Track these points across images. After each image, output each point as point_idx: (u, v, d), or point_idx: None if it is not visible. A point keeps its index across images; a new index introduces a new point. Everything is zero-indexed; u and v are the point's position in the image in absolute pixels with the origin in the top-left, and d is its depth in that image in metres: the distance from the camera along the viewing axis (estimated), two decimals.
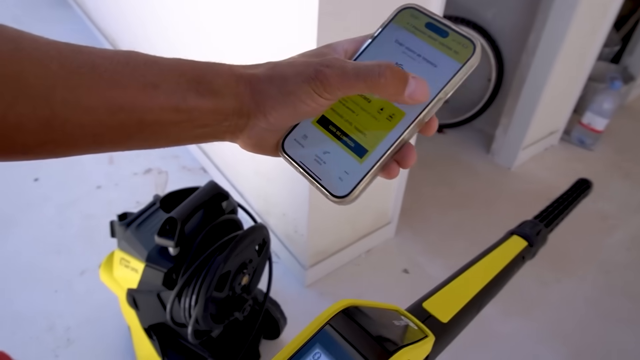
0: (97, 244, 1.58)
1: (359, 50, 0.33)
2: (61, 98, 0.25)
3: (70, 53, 0.26)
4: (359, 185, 0.31)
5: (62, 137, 0.27)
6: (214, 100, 0.29)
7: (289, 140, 0.33)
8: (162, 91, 0.28)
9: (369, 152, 0.31)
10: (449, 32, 0.31)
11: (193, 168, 1.96)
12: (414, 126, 0.30)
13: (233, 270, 0.88)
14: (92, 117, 0.27)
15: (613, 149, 2.29)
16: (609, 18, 1.89)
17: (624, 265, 1.69)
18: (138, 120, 0.28)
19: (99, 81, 0.26)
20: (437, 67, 0.31)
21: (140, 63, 0.28)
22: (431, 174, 2.04)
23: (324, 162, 0.32)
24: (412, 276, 1.58)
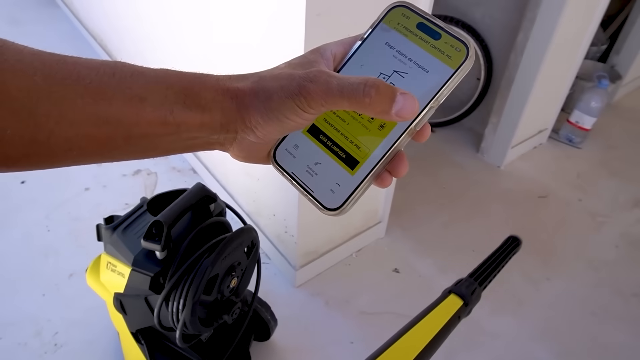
0: (85, 246, 1.56)
1: (348, 54, 0.32)
2: (45, 111, 0.25)
3: (55, 64, 0.26)
4: (351, 197, 0.30)
5: (47, 150, 0.26)
6: (201, 114, 0.29)
7: (280, 150, 0.32)
8: (149, 104, 0.27)
9: (361, 163, 0.30)
10: (442, 33, 0.30)
11: (182, 169, 1.95)
12: (405, 135, 0.30)
13: (221, 273, 0.87)
14: (77, 131, 0.26)
15: (601, 147, 2.31)
16: (596, 17, 1.91)
17: (613, 262, 1.71)
18: (125, 134, 0.27)
19: (84, 93, 0.26)
20: (429, 72, 0.30)
21: (126, 75, 0.28)
22: (421, 173, 2.05)
23: (316, 174, 0.31)
24: (402, 275, 1.58)
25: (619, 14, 2.87)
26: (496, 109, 2.05)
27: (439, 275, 1.59)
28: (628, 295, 1.58)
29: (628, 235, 1.82)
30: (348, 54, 0.32)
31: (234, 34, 1.23)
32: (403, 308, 1.48)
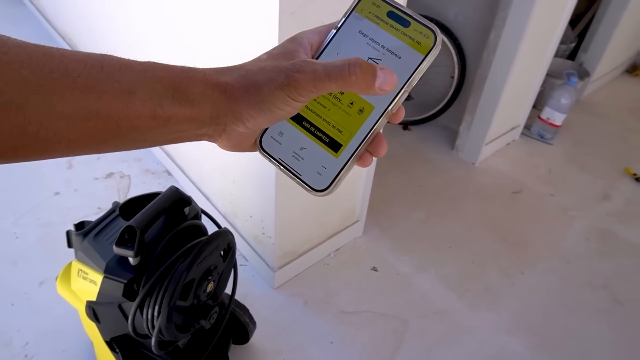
0: (56, 253, 1.52)
1: (324, 42, 0.33)
2: (34, 104, 0.25)
3: (42, 57, 0.25)
4: (337, 178, 0.32)
5: (36, 142, 0.26)
6: (190, 108, 0.29)
7: (265, 138, 0.33)
8: (139, 98, 0.28)
9: (344, 146, 0.32)
10: (411, 21, 0.32)
11: (157, 171, 1.91)
12: (383, 118, 0.32)
13: (197, 278, 0.86)
14: (66, 124, 0.26)
15: (571, 142, 2.37)
16: (565, 16, 1.95)
17: (585, 254, 1.75)
18: (114, 127, 0.28)
19: (73, 87, 0.26)
20: (401, 58, 0.31)
21: (114, 68, 0.28)
22: (397, 171, 2.06)
23: (302, 158, 0.33)
24: (381, 274, 1.59)
25: (586, 13, 2.95)
26: (470, 106, 2.08)
27: (416, 273, 1.60)
28: (598, 286, 1.63)
29: (597, 228, 1.87)
30: (324, 43, 0.33)
31: (209, 32, 1.21)
32: (382, 306, 1.49)
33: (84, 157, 1.93)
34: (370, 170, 1.53)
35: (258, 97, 0.29)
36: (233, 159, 1.39)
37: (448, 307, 1.51)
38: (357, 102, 0.32)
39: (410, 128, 2.36)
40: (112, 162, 1.93)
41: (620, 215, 1.95)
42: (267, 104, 0.29)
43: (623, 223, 1.90)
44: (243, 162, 1.35)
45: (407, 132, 2.34)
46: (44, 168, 1.86)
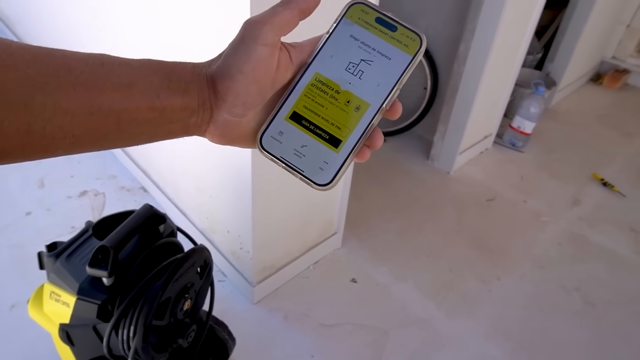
0: (27, 275, 1.47)
1: (317, 46, 0.35)
2: (40, 102, 0.26)
3: (45, 57, 0.27)
4: (339, 172, 0.34)
5: (42, 139, 0.27)
6: (182, 97, 0.31)
7: (266, 137, 0.35)
8: (137, 90, 0.30)
9: (343, 142, 0.34)
10: (397, 26, 0.34)
11: (132, 188, 1.89)
12: (379, 114, 0.34)
13: (173, 296, 0.85)
14: (71, 119, 0.27)
15: (541, 149, 2.44)
16: (530, 28, 2.03)
17: (557, 259, 1.80)
18: (115, 120, 0.29)
19: (76, 84, 0.27)
20: (392, 59, 0.34)
21: (114, 65, 0.30)
22: (374, 182, 2.09)
23: (304, 155, 0.34)
24: (360, 285, 1.60)
25: (551, 25, 3.06)
26: (443, 117, 2.13)
27: (395, 283, 1.62)
28: (571, 289, 1.67)
29: (569, 233, 1.93)
30: (317, 47, 0.35)
31: (178, 25, 1.21)
32: (362, 318, 1.50)
33: (56, 176, 1.89)
34: (347, 182, 1.54)
35: (226, 64, 0.32)
36: (209, 173, 1.39)
37: (427, 316, 1.52)
38: (353, 101, 0.34)
39: (386, 139, 2.39)
40: (86, 180, 1.89)
41: (590, 219, 2.01)
42: (235, 65, 0.31)
43: (593, 227, 1.96)
44: (219, 176, 1.34)
45: (384, 143, 2.37)
46: (14, 187, 1.82)
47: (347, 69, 0.34)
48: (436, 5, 2.10)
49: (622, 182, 2.22)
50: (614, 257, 1.83)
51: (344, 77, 0.34)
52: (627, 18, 3.08)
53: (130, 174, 1.93)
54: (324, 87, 0.34)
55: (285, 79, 0.34)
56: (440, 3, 2.09)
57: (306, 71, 0.35)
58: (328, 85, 0.34)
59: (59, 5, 1.80)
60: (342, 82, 0.34)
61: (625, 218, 2.03)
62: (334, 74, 0.34)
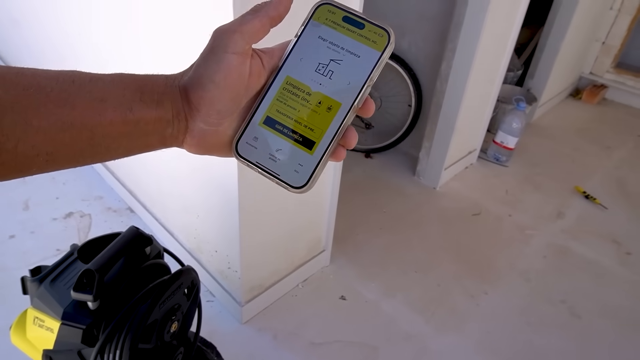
0: (9, 300, 1.44)
1: (286, 50, 0.35)
2: (10, 121, 0.26)
3: (14, 76, 0.27)
4: (314, 174, 0.34)
5: (15, 158, 0.27)
6: (156, 109, 0.31)
7: (241, 144, 0.35)
8: (110, 104, 0.29)
9: (317, 143, 0.34)
10: (365, 23, 0.34)
11: (119, 209, 1.88)
12: (351, 112, 0.34)
13: (160, 319, 0.84)
14: (43, 137, 0.27)
15: (525, 164, 2.49)
16: (509, 46, 2.08)
17: (543, 272, 1.82)
18: (89, 135, 0.29)
19: (47, 101, 0.27)
20: (361, 57, 0.34)
21: (85, 81, 0.29)
22: (361, 198, 2.10)
23: (279, 159, 0.34)
24: (349, 302, 1.60)
25: (530, 42, 3.15)
26: (428, 133, 2.16)
27: (384, 299, 1.62)
28: (557, 302, 1.69)
29: (554, 246, 1.96)
30: (287, 51, 0.35)
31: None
32: (351, 335, 1.49)
33: (41, 197, 1.87)
34: (334, 198, 1.55)
35: (197, 74, 0.32)
36: (196, 193, 1.39)
37: (416, 331, 1.52)
38: (324, 101, 0.34)
39: (372, 156, 2.42)
40: (72, 202, 1.88)
41: (574, 232, 2.04)
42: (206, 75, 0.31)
43: (576, 239, 2.00)
44: (206, 197, 1.35)
45: (369, 159, 2.40)
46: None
47: (317, 70, 0.34)
48: (417, 24, 2.15)
49: (603, 194, 2.27)
50: (598, 268, 1.86)
51: (315, 78, 0.34)
52: (602, 35, 3.18)
53: (117, 195, 1.92)
54: (295, 89, 0.34)
55: (259, 85, 0.34)
56: (422, 22, 2.14)
57: (277, 75, 0.35)
58: (299, 88, 0.34)
59: (41, 26, 1.81)
60: (312, 84, 0.34)
61: (608, 230, 2.07)
62: (305, 76, 0.34)
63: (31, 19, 1.89)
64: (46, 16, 1.74)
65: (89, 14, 1.44)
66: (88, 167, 2.04)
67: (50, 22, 1.73)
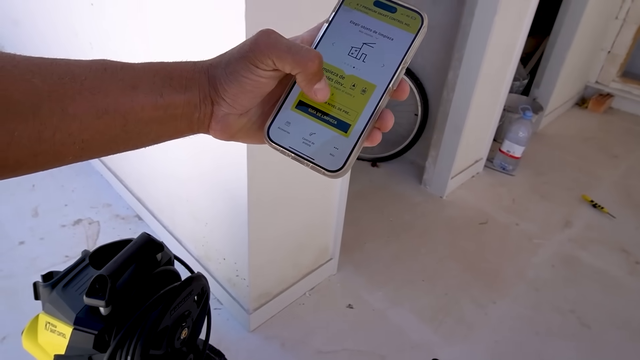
0: (19, 306, 1.46)
1: (317, 36, 0.35)
2: (48, 109, 0.27)
3: (49, 66, 0.28)
4: (350, 157, 0.33)
5: (52, 146, 0.28)
6: (184, 93, 0.32)
7: (273, 129, 0.34)
8: (141, 91, 0.30)
9: (352, 125, 0.33)
10: (397, 7, 0.34)
11: (127, 216, 1.89)
12: (386, 95, 0.33)
13: (170, 325, 0.85)
14: (79, 124, 0.28)
15: (531, 172, 2.48)
16: (515, 55, 2.09)
17: (551, 281, 1.81)
18: (122, 122, 0.30)
19: (81, 89, 0.28)
20: (394, 40, 0.34)
21: (116, 68, 0.30)
22: (368, 207, 2.10)
23: (313, 143, 0.34)
24: (356, 311, 1.59)
25: (535, 52, 3.16)
26: (434, 142, 2.17)
27: (391, 308, 1.61)
28: (566, 311, 1.68)
29: (562, 255, 1.94)
30: (318, 36, 0.35)
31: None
32: (359, 344, 1.49)
33: (50, 205, 1.89)
34: (342, 207, 1.56)
35: (228, 68, 0.32)
36: (205, 201, 1.39)
37: (424, 340, 1.52)
38: (358, 84, 0.34)
39: (378, 165, 2.42)
40: (81, 209, 1.89)
41: (582, 241, 2.03)
42: (235, 74, 0.32)
43: (584, 249, 1.98)
44: (215, 205, 1.35)
45: (376, 168, 2.40)
46: (7, 217, 1.81)
47: (350, 54, 0.34)
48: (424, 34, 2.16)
49: (611, 203, 2.26)
50: (607, 278, 1.85)
51: (348, 61, 0.34)
52: (607, 44, 3.19)
53: (125, 202, 1.93)
54: (329, 73, 0.34)
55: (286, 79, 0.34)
56: (428, 32, 2.14)
57: None
58: (332, 72, 0.34)
59: (41, 26, 1.84)
60: (346, 67, 0.34)
61: (616, 239, 2.05)
62: (337, 59, 0.34)
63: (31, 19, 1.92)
64: (46, 16, 1.77)
65: (90, 14, 1.47)
66: (96, 174, 2.06)
67: (50, 22, 1.76)
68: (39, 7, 1.85)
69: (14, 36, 2.25)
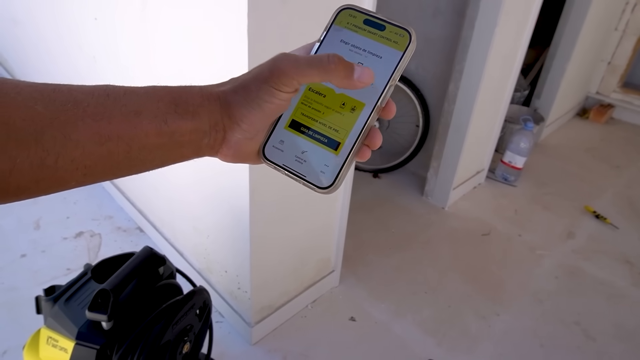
0: (20, 319, 1.45)
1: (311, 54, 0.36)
2: (51, 136, 0.27)
3: (52, 92, 0.28)
4: (340, 174, 0.34)
5: (55, 173, 0.27)
6: (192, 120, 0.31)
7: (268, 148, 0.35)
8: (145, 117, 0.30)
9: (342, 143, 0.34)
10: (386, 25, 0.35)
11: (128, 228, 1.89)
12: (375, 113, 0.34)
13: (173, 339, 0.84)
14: (82, 150, 0.28)
15: (533, 183, 2.48)
16: (516, 66, 2.10)
17: (555, 293, 1.80)
18: (125, 147, 0.30)
19: (84, 116, 0.28)
20: (383, 58, 0.35)
21: (119, 94, 0.30)
22: (370, 218, 2.10)
23: (305, 161, 0.35)
24: (359, 323, 1.58)
25: (536, 63, 3.17)
26: (436, 153, 2.17)
27: (394, 320, 1.60)
28: (570, 323, 1.66)
29: (565, 266, 1.93)
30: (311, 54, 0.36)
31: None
32: (362, 357, 1.47)
33: (52, 217, 1.89)
34: (344, 219, 1.56)
35: (247, 95, 0.32)
36: (207, 214, 1.39)
37: (428, 353, 1.50)
38: (348, 102, 0.35)
39: (380, 176, 2.42)
40: (82, 221, 1.89)
41: (585, 252, 2.02)
42: (256, 100, 0.32)
43: (588, 260, 1.97)
44: (217, 218, 1.35)
45: (378, 179, 2.40)
46: (9, 229, 1.81)
47: None
48: (425, 46, 2.18)
49: (614, 214, 2.25)
50: (611, 289, 1.83)
51: None
52: (607, 55, 3.21)
53: (127, 214, 1.93)
54: (319, 92, 0.35)
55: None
56: (429, 45, 2.17)
57: None
58: (322, 91, 0.35)
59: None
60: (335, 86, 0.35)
61: (620, 250, 2.04)
62: None
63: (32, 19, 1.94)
64: (46, 16, 1.79)
65: (92, 13, 1.48)
66: (98, 186, 2.06)
67: (51, 21, 1.77)
68: (43, 20, 1.87)
69: (14, 35, 2.28)
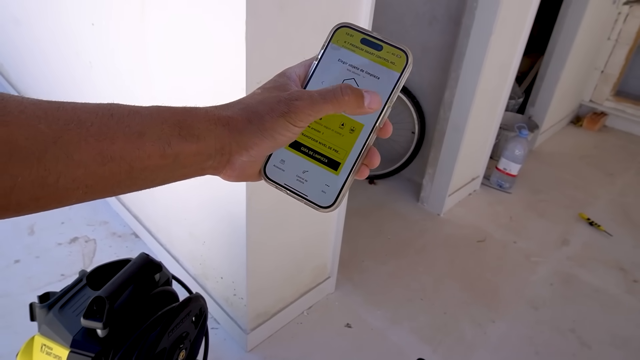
0: (13, 326, 1.44)
1: (309, 73, 0.36)
2: (52, 155, 0.27)
3: (56, 111, 0.28)
4: (341, 193, 0.35)
5: (56, 191, 0.27)
6: (196, 143, 0.31)
7: (269, 167, 0.36)
8: (148, 138, 0.30)
9: (342, 164, 0.35)
10: (383, 45, 0.35)
11: (124, 234, 1.88)
12: (373, 133, 0.35)
13: (168, 347, 0.84)
14: (84, 171, 0.28)
15: (528, 190, 2.49)
16: (511, 75, 2.12)
17: (550, 300, 1.80)
18: (127, 168, 0.30)
19: (87, 135, 0.28)
20: (380, 79, 0.35)
21: (123, 114, 0.30)
22: (366, 224, 2.10)
23: (306, 180, 0.35)
24: (355, 330, 1.58)
25: (530, 71, 3.20)
26: (431, 160, 2.18)
27: (390, 327, 1.60)
28: (565, 330, 1.67)
29: (560, 273, 1.94)
30: (309, 74, 0.37)
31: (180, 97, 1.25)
32: None
33: (46, 222, 1.88)
34: (340, 225, 1.56)
35: (261, 125, 0.32)
36: (203, 220, 1.39)
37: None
38: (347, 123, 0.35)
39: (376, 182, 2.43)
40: (77, 227, 1.88)
41: (580, 259, 2.03)
42: (270, 132, 0.32)
43: (583, 267, 1.98)
44: (213, 224, 1.35)
45: (373, 186, 2.41)
46: (3, 235, 1.79)
47: None
48: (421, 54, 2.20)
49: (608, 221, 2.27)
50: (605, 296, 1.84)
51: None
52: (601, 64, 3.24)
53: (122, 220, 1.93)
54: None
55: None
56: (425, 53, 2.18)
57: None
58: None
59: (57, 51, 1.85)
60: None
61: (614, 257, 2.05)
62: None
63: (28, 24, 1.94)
64: (42, 21, 1.79)
65: (89, 19, 1.48)
66: None
67: (47, 27, 1.77)
68: (39, 25, 1.87)
69: (14, 35, 2.27)
